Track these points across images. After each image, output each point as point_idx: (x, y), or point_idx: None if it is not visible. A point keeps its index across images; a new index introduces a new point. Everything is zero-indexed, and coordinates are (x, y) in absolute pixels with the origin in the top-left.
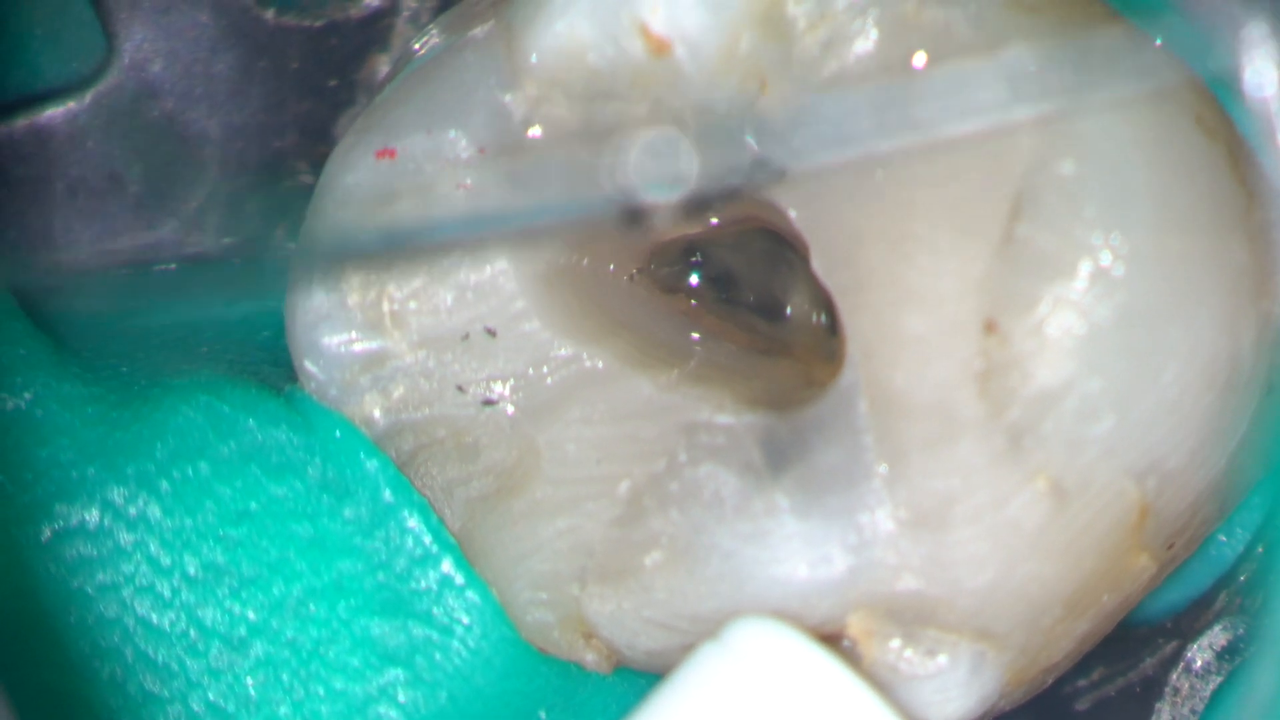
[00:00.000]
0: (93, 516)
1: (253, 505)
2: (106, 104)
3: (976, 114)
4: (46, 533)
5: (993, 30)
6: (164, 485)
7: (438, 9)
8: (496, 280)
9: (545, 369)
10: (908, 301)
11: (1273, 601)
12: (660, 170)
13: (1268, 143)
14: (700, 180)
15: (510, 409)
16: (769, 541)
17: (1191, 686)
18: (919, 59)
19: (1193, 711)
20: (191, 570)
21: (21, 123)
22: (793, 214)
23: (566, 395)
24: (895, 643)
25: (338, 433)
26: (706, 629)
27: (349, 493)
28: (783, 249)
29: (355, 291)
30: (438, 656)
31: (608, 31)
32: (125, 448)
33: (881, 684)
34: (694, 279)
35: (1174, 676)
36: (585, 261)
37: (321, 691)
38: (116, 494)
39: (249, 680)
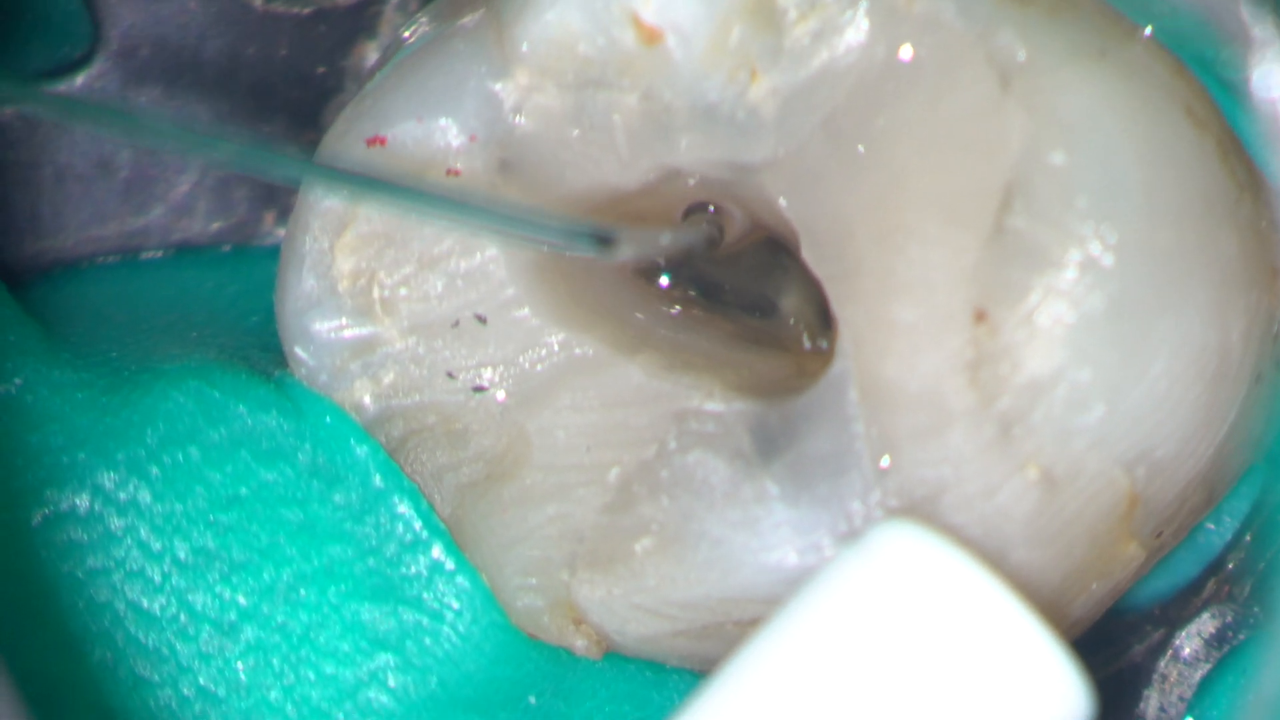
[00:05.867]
0: (83, 502)
1: (243, 491)
2: (95, 90)
3: None
4: (37, 518)
5: (983, 20)
6: (154, 470)
7: None
8: (487, 267)
9: (535, 356)
10: (898, 291)
11: (1274, 596)
12: None
13: (1274, 143)
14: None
15: (500, 395)
16: (759, 529)
17: (1180, 674)
18: (905, 52)
19: (1181, 699)
20: (182, 555)
21: (9, 108)
22: (782, 202)
23: (557, 382)
24: None
25: (328, 419)
26: (696, 615)
27: (339, 478)
28: (776, 239)
29: (346, 278)
30: (428, 642)
31: (599, 21)
32: (115, 433)
33: None
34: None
35: (1162, 664)
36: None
37: (312, 676)
38: (107, 479)
39: (239, 665)
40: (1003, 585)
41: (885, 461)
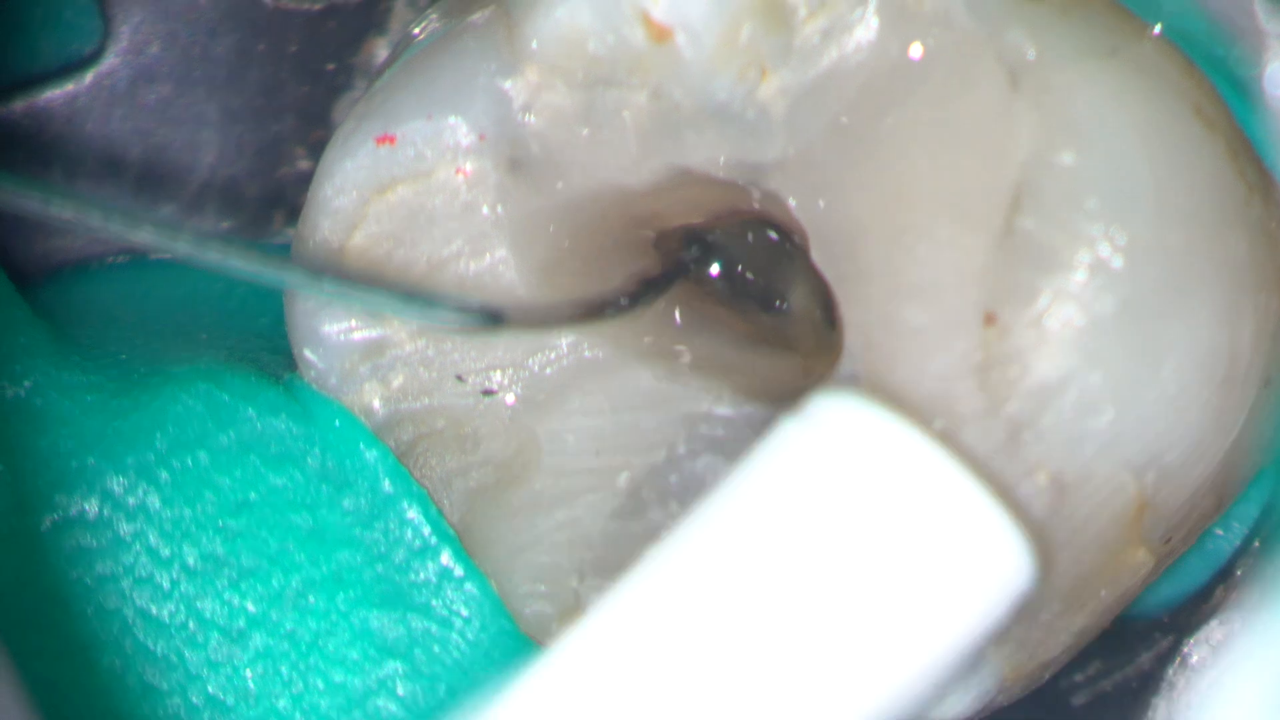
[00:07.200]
0: (92, 507)
1: (252, 495)
2: (105, 86)
3: None
4: (46, 523)
5: (993, 18)
6: (163, 475)
7: None
8: (496, 269)
9: (545, 359)
10: (907, 294)
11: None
12: None
13: None
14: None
15: (509, 399)
16: None
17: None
18: (915, 50)
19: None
20: (190, 561)
21: (19, 105)
22: (792, 203)
23: (566, 385)
24: None
25: (337, 422)
26: None
27: (348, 483)
28: (784, 240)
29: None
30: (437, 649)
31: (608, 19)
32: (125, 437)
33: None
34: (695, 270)
35: (1170, 671)
36: (585, 251)
37: (320, 684)
38: (116, 484)
39: (248, 672)
40: (945, 451)
41: None
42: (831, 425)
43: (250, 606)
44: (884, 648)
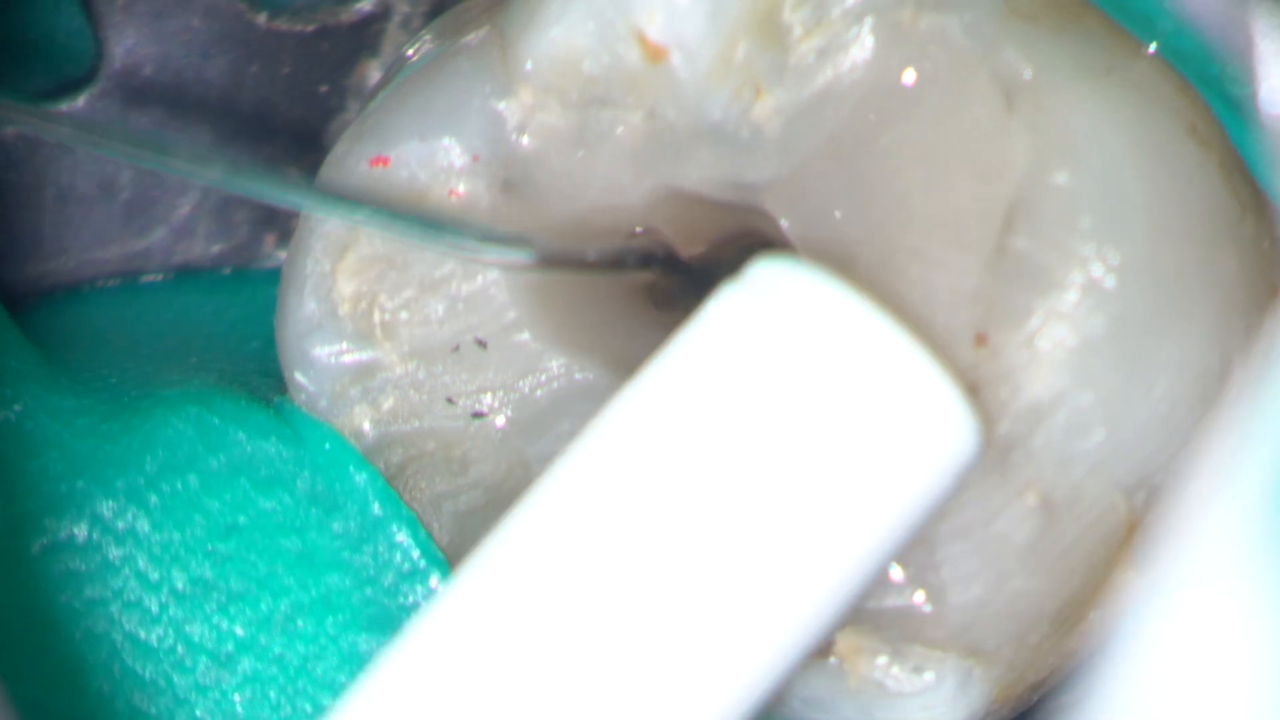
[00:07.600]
0: (81, 531)
1: (241, 519)
2: (97, 110)
3: None
4: (36, 547)
5: (988, 38)
6: (153, 499)
7: (430, 14)
8: (488, 290)
9: (535, 381)
10: (899, 314)
11: None
12: None
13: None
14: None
15: (500, 421)
16: None
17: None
18: (910, 70)
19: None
20: (180, 585)
21: (10, 129)
22: (784, 223)
23: (556, 408)
24: (882, 659)
25: (327, 445)
26: None
27: (338, 506)
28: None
29: (347, 301)
30: None
31: (604, 38)
32: (115, 460)
33: (868, 701)
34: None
35: None
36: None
37: (309, 708)
38: (105, 508)
39: (236, 696)
40: (889, 317)
41: None
42: (766, 286)
43: (239, 630)
44: (822, 510)
